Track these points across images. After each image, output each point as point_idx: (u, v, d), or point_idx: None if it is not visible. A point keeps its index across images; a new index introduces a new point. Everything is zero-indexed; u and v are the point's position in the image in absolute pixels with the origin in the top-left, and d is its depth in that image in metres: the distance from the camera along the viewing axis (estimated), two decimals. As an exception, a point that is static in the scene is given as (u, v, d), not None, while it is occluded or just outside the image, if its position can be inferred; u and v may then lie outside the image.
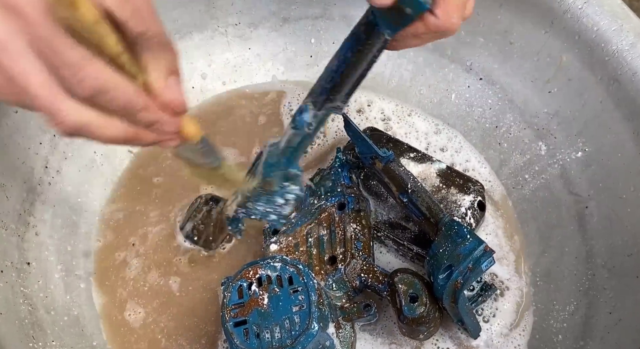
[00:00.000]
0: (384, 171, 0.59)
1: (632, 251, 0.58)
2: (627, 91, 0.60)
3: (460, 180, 0.65)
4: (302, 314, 0.51)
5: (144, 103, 0.40)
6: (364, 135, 0.60)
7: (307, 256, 0.59)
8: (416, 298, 0.55)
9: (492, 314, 0.63)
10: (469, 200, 0.64)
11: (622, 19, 0.61)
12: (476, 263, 0.52)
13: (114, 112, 0.40)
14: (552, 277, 0.64)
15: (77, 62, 0.37)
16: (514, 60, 0.69)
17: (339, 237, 0.60)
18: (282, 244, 0.61)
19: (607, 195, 0.63)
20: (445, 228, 0.55)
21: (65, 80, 0.37)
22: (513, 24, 0.67)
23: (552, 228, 0.67)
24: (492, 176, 0.72)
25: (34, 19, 0.35)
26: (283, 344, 0.50)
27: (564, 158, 0.67)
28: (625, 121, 0.60)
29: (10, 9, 0.35)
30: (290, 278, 0.52)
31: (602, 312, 0.59)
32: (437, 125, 0.74)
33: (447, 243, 0.54)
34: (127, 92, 0.39)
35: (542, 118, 0.69)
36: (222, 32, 0.77)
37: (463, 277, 0.52)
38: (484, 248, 0.52)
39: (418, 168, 0.66)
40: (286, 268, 0.53)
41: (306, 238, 0.60)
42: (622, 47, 0.60)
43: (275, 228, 0.62)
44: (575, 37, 0.63)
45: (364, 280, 0.58)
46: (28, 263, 0.61)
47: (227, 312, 0.52)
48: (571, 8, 0.62)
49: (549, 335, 0.61)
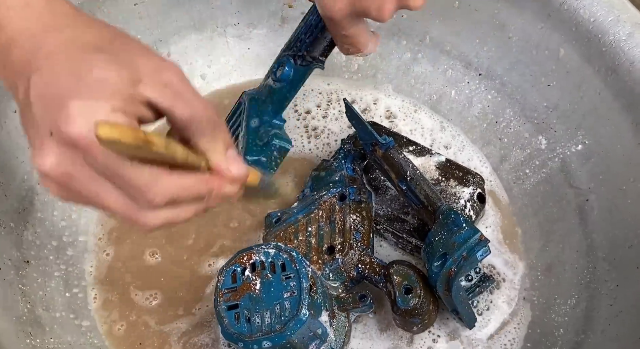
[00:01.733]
0: (384, 158, 0.59)
1: (633, 243, 0.58)
2: (624, 81, 0.59)
3: (460, 172, 0.65)
4: (292, 300, 0.51)
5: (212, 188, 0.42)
6: (365, 121, 0.60)
7: (306, 245, 0.60)
8: (410, 289, 0.55)
9: (486, 307, 0.62)
10: (469, 192, 0.64)
11: (618, 10, 0.60)
12: (470, 252, 0.52)
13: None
14: (553, 271, 0.64)
15: (144, 185, 0.39)
16: (513, 55, 0.69)
17: (338, 227, 0.60)
18: (281, 232, 0.61)
19: (607, 187, 0.62)
20: (443, 216, 0.55)
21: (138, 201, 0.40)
22: (511, 17, 0.67)
23: (553, 222, 0.66)
24: (492, 172, 0.71)
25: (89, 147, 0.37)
26: (272, 329, 0.50)
27: (564, 151, 0.66)
28: (624, 112, 0.60)
29: (69, 144, 0.37)
30: (284, 264, 0.53)
31: (603, 305, 0.58)
32: (441, 122, 0.74)
33: (443, 232, 0.54)
34: (196, 189, 0.41)
35: (541, 112, 0.68)
36: (221, 33, 0.77)
37: (457, 265, 0.52)
38: (479, 237, 0.52)
39: (417, 161, 0.65)
40: (280, 254, 0.53)
41: (305, 227, 0.61)
42: (619, 38, 0.60)
43: (277, 218, 0.63)
44: (572, 29, 0.63)
45: (360, 271, 0.58)
46: (27, 261, 0.61)
47: (220, 296, 0.53)
48: (568, 0, 0.62)
49: (550, 329, 0.61)
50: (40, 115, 0.38)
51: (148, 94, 0.39)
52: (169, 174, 0.40)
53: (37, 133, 0.39)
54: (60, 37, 0.40)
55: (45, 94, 0.38)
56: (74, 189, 0.39)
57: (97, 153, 0.37)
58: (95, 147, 0.37)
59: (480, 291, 0.60)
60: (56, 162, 0.38)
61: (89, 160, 0.38)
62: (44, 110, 0.38)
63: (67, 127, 0.37)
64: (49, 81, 0.38)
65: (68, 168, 0.38)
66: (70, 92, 0.38)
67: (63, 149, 0.38)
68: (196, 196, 0.42)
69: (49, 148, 0.38)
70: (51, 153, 0.38)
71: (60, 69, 0.39)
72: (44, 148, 0.38)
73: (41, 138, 0.38)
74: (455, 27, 0.71)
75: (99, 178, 0.39)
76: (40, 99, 0.38)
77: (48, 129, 0.38)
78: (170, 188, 0.40)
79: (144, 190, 0.39)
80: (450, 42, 0.73)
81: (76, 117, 0.37)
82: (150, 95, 0.39)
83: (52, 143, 0.38)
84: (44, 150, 0.38)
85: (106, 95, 0.38)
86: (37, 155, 0.39)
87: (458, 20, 0.71)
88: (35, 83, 0.39)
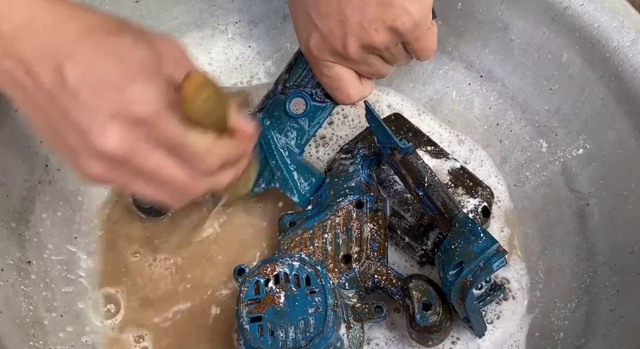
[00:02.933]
0: (402, 162, 0.59)
1: (634, 249, 0.58)
2: (628, 88, 0.60)
3: (470, 182, 0.65)
4: (317, 316, 0.50)
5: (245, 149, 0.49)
6: (385, 125, 0.59)
7: (322, 252, 0.58)
8: (430, 305, 0.55)
9: (496, 316, 0.62)
10: (473, 203, 0.64)
11: (623, 16, 0.61)
12: (487, 262, 0.51)
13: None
14: (553, 275, 0.64)
15: (205, 151, 0.44)
16: (515, 57, 0.69)
17: (355, 236, 0.59)
18: (297, 237, 0.60)
19: (608, 192, 0.62)
20: (459, 224, 0.55)
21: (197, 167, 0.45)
22: (514, 19, 0.67)
23: (553, 226, 0.66)
24: (492, 173, 0.71)
25: (156, 123, 0.42)
26: (297, 345, 0.50)
27: (565, 155, 0.67)
28: (626, 118, 0.60)
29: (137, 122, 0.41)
30: (308, 278, 0.52)
31: (603, 309, 0.59)
32: (440, 125, 0.74)
33: (460, 240, 0.54)
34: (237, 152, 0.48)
35: (543, 115, 0.68)
36: (223, 30, 0.76)
37: (473, 275, 0.52)
38: (496, 248, 0.52)
39: (432, 162, 0.65)
40: (304, 267, 0.52)
41: (322, 233, 0.59)
42: (623, 44, 0.60)
43: (292, 221, 0.62)
44: (576, 34, 0.63)
45: (377, 282, 0.57)
46: (29, 262, 0.61)
47: (243, 307, 0.52)
48: (572, 4, 0.62)
49: (550, 333, 0.61)
50: (92, 101, 0.41)
51: (170, 71, 0.43)
52: (220, 140, 0.45)
53: (94, 117, 0.41)
54: (77, 24, 0.42)
55: (91, 80, 0.41)
56: (137, 164, 0.43)
57: (164, 124, 0.42)
58: (163, 120, 0.42)
59: (491, 300, 0.59)
60: (121, 140, 0.41)
61: (155, 134, 0.42)
62: (97, 95, 0.41)
63: (134, 106, 0.41)
64: (91, 67, 0.41)
65: (133, 145, 0.42)
66: (122, 75, 0.41)
67: (128, 127, 0.41)
68: (236, 159, 0.48)
69: (114, 128, 0.41)
70: (116, 133, 0.41)
71: (97, 55, 0.41)
72: (106, 129, 0.41)
73: (100, 121, 0.41)
74: (457, 28, 0.71)
75: (159, 151, 0.43)
76: (87, 86, 0.41)
77: (109, 112, 0.41)
78: (223, 152, 0.46)
79: (205, 155, 0.44)
80: (452, 43, 0.73)
81: (139, 96, 0.41)
82: (172, 72, 0.43)
83: (117, 123, 0.41)
84: (107, 131, 0.41)
85: (154, 74, 0.42)
86: (99, 137, 0.41)
87: (460, 21, 0.71)
88: (72, 71, 0.41)
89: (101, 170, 0.42)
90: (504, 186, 0.70)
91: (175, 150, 0.43)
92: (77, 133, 0.41)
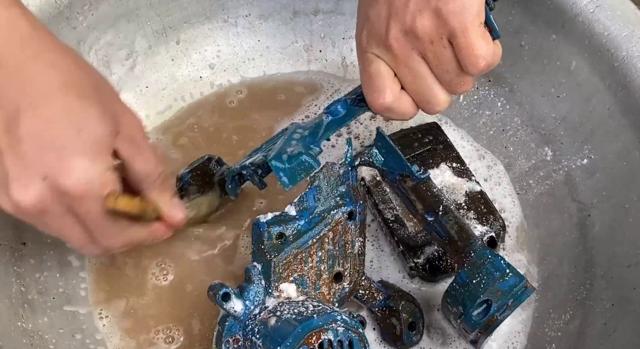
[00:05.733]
0: (413, 189, 0.55)
1: (632, 262, 0.57)
2: (635, 99, 0.58)
3: (485, 209, 0.63)
4: None
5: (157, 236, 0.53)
6: (400, 153, 0.55)
7: (315, 273, 0.54)
8: (415, 325, 0.58)
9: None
10: (480, 231, 0.62)
11: (633, 25, 0.59)
12: (517, 301, 0.50)
13: None
14: (550, 285, 0.63)
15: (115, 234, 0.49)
16: (524, 63, 0.68)
17: (346, 251, 0.55)
18: (291, 257, 0.53)
19: (610, 204, 0.61)
20: (477, 255, 0.52)
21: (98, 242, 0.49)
22: (524, 24, 0.66)
23: (553, 235, 0.65)
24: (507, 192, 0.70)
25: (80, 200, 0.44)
26: None
27: (570, 164, 0.65)
28: (631, 129, 0.59)
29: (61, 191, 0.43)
30: (351, 342, 0.49)
31: (597, 323, 0.58)
32: (445, 121, 0.73)
33: (481, 274, 0.51)
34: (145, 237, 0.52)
35: (549, 123, 0.67)
36: (232, 23, 0.76)
37: (500, 313, 0.50)
38: (524, 285, 0.50)
39: (452, 179, 0.65)
40: (349, 332, 0.49)
41: (316, 252, 0.54)
42: (632, 54, 0.59)
43: (280, 232, 0.53)
44: (585, 42, 0.62)
45: (360, 296, 0.57)
46: (23, 243, 0.61)
47: None
48: (583, 11, 0.61)
49: (542, 344, 0.60)
50: (33, 155, 0.42)
51: (119, 146, 0.46)
52: (131, 226, 0.49)
53: (24, 170, 0.42)
54: (56, 75, 0.44)
55: (42, 137, 0.42)
56: (43, 221, 0.45)
57: (88, 204, 0.44)
58: (87, 199, 0.44)
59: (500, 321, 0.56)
60: (37, 201, 0.43)
61: (74, 207, 0.44)
62: (39, 153, 0.42)
63: (67, 179, 0.43)
64: (47, 125, 0.43)
65: (45, 206, 0.43)
66: (72, 146, 0.43)
67: (49, 193, 0.43)
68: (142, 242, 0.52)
69: (37, 188, 0.43)
70: (37, 193, 0.43)
71: (58, 115, 0.43)
72: (29, 186, 0.42)
73: (29, 176, 0.43)
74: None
75: (67, 216, 0.45)
76: (35, 139, 0.42)
77: (41, 172, 0.42)
78: (131, 237, 0.50)
79: (112, 237, 0.48)
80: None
81: (77, 172, 0.43)
82: (121, 147, 0.47)
83: (42, 186, 0.43)
84: (30, 188, 0.42)
85: (102, 153, 0.45)
86: (19, 189, 0.43)
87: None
88: (29, 120, 0.42)
89: (11, 211, 0.44)
90: (519, 209, 0.69)
91: (89, 224, 0.46)
92: (1, 174, 0.43)
